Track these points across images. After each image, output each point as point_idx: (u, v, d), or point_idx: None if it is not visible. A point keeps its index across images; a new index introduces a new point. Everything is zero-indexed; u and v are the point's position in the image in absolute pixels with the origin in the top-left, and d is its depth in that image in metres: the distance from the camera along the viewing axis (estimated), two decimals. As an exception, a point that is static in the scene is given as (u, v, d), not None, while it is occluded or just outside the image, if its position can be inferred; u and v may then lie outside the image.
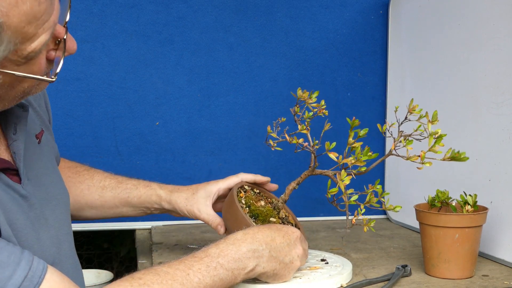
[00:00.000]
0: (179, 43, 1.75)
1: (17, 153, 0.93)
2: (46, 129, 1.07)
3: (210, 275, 0.94)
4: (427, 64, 1.61)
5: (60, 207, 1.04)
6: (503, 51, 1.30)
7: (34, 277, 0.79)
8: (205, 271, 0.94)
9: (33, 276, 0.79)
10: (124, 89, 1.72)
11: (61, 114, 1.68)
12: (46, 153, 1.05)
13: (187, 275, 0.91)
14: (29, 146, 0.99)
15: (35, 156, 1.01)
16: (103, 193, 1.27)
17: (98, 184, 1.28)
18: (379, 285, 1.14)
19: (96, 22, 1.69)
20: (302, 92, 1.15)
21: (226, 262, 0.97)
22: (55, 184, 1.05)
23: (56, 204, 1.02)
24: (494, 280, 1.17)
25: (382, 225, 1.75)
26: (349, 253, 1.39)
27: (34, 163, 0.99)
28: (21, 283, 0.78)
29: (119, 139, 1.73)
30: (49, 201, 1.00)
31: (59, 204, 1.04)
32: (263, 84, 1.80)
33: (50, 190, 1.02)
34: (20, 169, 0.93)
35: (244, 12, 1.78)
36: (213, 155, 1.78)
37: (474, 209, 1.19)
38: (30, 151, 1.00)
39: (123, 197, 1.27)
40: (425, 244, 1.20)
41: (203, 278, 0.93)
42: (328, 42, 1.83)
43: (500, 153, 1.31)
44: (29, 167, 0.97)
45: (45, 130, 1.06)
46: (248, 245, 1.01)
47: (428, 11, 1.61)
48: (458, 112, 1.46)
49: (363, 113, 1.87)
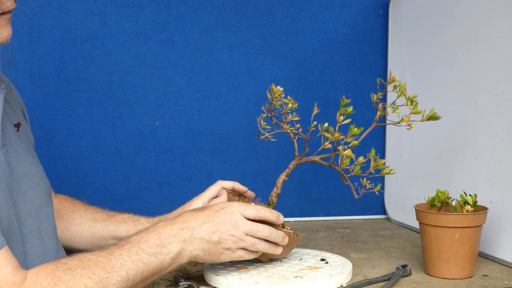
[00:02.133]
0: (179, 43, 1.75)
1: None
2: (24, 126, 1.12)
3: (132, 260, 0.96)
4: (427, 64, 1.61)
5: (41, 188, 1.09)
6: (503, 51, 1.30)
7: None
8: (126, 256, 0.96)
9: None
10: (124, 89, 1.72)
11: (61, 114, 1.68)
12: (25, 141, 1.10)
13: (109, 261, 0.94)
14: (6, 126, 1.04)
15: (14, 136, 1.06)
16: (93, 224, 1.30)
17: (90, 215, 1.31)
18: (379, 285, 1.14)
19: (96, 22, 1.69)
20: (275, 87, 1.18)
21: (147, 247, 0.99)
22: (34, 166, 1.10)
23: (36, 183, 1.08)
24: (494, 280, 1.17)
25: (382, 225, 1.75)
26: (349, 253, 1.39)
27: (14, 141, 1.05)
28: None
29: (119, 139, 1.73)
30: (28, 178, 1.06)
31: (39, 184, 1.09)
32: (263, 84, 1.80)
33: (29, 169, 1.07)
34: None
35: (244, 12, 1.78)
36: (213, 155, 1.78)
37: (474, 209, 1.19)
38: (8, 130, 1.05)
39: (111, 230, 1.29)
40: (425, 244, 1.20)
41: (125, 262, 0.95)
42: (328, 42, 1.83)
43: (500, 153, 1.31)
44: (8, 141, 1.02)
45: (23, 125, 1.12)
46: (168, 230, 1.02)
47: (428, 11, 1.61)
48: (458, 112, 1.46)
49: (363, 113, 1.87)
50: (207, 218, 1.06)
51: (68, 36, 1.67)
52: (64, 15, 1.67)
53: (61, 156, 1.68)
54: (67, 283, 0.88)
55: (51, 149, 1.67)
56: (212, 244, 1.05)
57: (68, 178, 1.69)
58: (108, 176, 1.72)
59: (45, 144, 1.66)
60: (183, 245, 1.03)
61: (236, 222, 1.07)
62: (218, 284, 1.11)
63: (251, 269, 1.16)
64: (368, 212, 1.87)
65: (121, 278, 0.94)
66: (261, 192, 1.73)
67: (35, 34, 1.66)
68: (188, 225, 1.04)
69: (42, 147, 1.66)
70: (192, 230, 1.04)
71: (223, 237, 1.06)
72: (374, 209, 1.88)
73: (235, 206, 1.09)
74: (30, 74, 1.66)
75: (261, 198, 1.32)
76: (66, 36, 1.67)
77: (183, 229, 1.03)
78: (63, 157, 1.68)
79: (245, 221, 1.08)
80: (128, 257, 0.96)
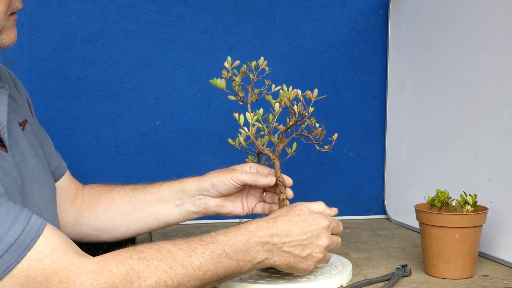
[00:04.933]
0: (179, 43, 1.75)
1: (1, 124, 0.96)
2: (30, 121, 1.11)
3: (213, 261, 0.92)
4: (427, 64, 1.61)
5: (46, 189, 1.06)
6: (503, 51, 1.30)
7: (32, 231, 0.81)
8: (208, 256, 0.92)
9: (31, 230, 0.81)
10: (124, 89, 1.72)
11: (61, 114, 1.68)
12: (30, 140, 1.07)
13: (189, 257, 0.90)
14: (12, 127, 1.02)
15: (20, 136, 1.04)
16: (134, 194, 1.27)
17: (129, 188, 1.28)
18: (379, 285, 1.14)
19: (96, 22, 1.69)
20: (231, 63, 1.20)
21: (232, 252, 0.94)
22: (40, 167, 1.07)
23: (41, 185, 1.05)
24: (494, 280, 1.17)
25: (382, 225, 1.75)
26: (349, 253, 1.39)
27: (20, 142, 1.03)
28: (19, 236, 0.80)
29: (119, 139, 1.73)
30: (34, 180, 1.03)
31: (45, 185, 1.06)
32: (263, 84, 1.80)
33: (35, 170, 1.04)
34: (5, 139, 0.96)
35: (244, 12, 1.78)
36: (213, 155, 1.78)
37: (474, 209, 1.19)
38: (14, 131, 1.02)
39: (153, 192, 1.26)
40: (425, 244, 1.20)
41: (205, 263, 0.91)
42: (328, 42, 1.83)
43: (500, 153, 1.31)
44: (14, 143, 1.00)
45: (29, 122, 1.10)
46: (258, 238, 0.98)
47: (428, 11, 1.61)
48: (458, 112, 1.46)
49: (363, 113, 1.87)
50: (302, 232, 1.02)
51: (68, 36, 1.67)
52: (64, 15, 1.67)
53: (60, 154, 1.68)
54: (139, 273, 0.84)
55: (51, 149, 1.67)
56: (298, 259, 1.02)
57: (68, 178, 1.68)
58: (108, 176, 1.72)
59: (45, 144, 1.66)
60: (269, 255, 0.99)
61: (326, 240, 1.04)
62: (218, 284, 1.11)
63: (251, 269, 1.16)
64: (368, 212, 1.87)
65: (197, 277, 0.90)
66: (261, 192, 1.73)
67: (35, 34, 1.66)
68: (280, 235, 1.00)
69: (42, 147, 1.66)
70: (283, 242, 1.00)
71: (312, 254, 1.03)
72: (374, 209, 1.88)
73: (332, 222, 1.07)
74: (30, 74, 1.66)
75: None
76: (66, 36, 1.67)
77: (273, 237, 0.99)
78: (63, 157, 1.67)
79: (333, 238, 1.07)
80: (210, 258, 0.92)
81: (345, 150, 1.85)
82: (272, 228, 1.00)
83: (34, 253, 0.80)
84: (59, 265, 0.81)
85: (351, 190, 1.87)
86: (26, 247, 0.80)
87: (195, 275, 0.89)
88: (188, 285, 0.89)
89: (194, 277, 0.89)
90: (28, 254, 0.80)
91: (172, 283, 0.87)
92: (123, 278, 0.83)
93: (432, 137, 1.57)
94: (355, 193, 1.87)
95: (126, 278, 0.83)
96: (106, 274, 0.82)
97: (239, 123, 1.12)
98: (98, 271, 0.82)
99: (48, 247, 0.81)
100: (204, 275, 0.91)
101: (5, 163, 0.95)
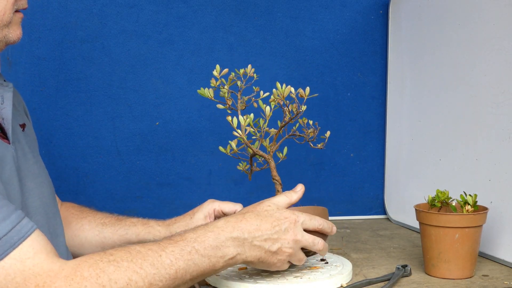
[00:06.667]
0: (179, 43, 1.75)
1: (6, 118, 1.00)
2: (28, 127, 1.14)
3: (184, 258, 0.92)
4: (427, 64, 1.61)
5: (46, 187, 1.10)
6: (503, 51, 1.30)
7: (21, 232, 0.83)
8: (178, 254, 0.92)
9: (20, 230, 0.83)
10: (124, 89, 1.72)
11: (61, 114, 1.68)
12: (29, 141, 1.11)
13: (159, 256, 0.90)
14: (15, 124, 1.06)
15: (21, 135, 1.07)
16: (103, 229, 1.28)
17: (99, 221, 1.29)
18: (379, 285, 1.14)
19: (96, 22, 1.69)
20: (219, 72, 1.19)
21: (202, 248, 0.95)
22: (39, 166, 1.10)
23: (41, 181, 1.08)
24: (494, 280, 1.17)
25: (382, 225, 1.75)
26: (349, 253, 1.39)
27: (21, 139, 1.06)
28: (7, 233, 0.82)
29: (119, 139, 1.73)
30: (34, 176, 1.06)
31: (44, 183, 1.10)
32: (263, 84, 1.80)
33: (35, 168, 1.08)
34: (8, 132, 1.00)
35: (244, 12, 1.78)
36: (213, 155, 1.78)
37: (474, 209, 1.19)
38: (17, 129, 1.06)
39: (121, 234, 1.27)
40: (425, 244, 1.20)
41: (176, 260, 0.91)
42: (328, 42, 1.83)
43: (500, 153, 1.31)
44: (16, 138, 1.04)
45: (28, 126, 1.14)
46: (227, 233, 0.99)
47: (428, 11, 1.61)
48: (458, 112, 1.46)
49: (363, 113, 1.87)
50: (270, 226, 1.02)
51: (68, 36, 1.68)
52: (64, 15, 1.67)
53: (61, 156, 1.68)
54: (110, 275, 0.84)
55: (51, 149, 1.67)
56: (269, 254, 1.02)
57: (68, 178, 1.69)
58: (108, 176, 1.72)
59: (45, 144, 1.66)
60: (240, 250, 0.99)
61: (297, 235, 1.04)
62: (218, 284, 1.11)
63: (251, 269, 1.16)
64: (368, 212, 1.88)
65: (169, 276, 0.90)
66: (261, 192, 1.74)
67: (35, 34, 1.66)
68: (250, 230, 1.01)
69: (42, 147, 1.65)
70: (253, 236, 1.01)
71: (281, 249, 1.03)
72: (374, 209, 1.88)
73: (301, 217, 1.06)
74: (30, 74, 1.66)
75: None
76: (66, 36, 1.67)
77: (243, 232, 1.00)
78: (63, 157, 1.68)
79: (304, 235, 1.06)
80: (180, 255, 0.92)
81: (345, 150, 1.85)
82: (241, 223, 1.01)
83: (17, 253, 0.82)
84: (39, 269, 0.83)
85: (351, 190, 1.87)
86: (12, 244, 0.82)
87: (166, 274, 0.90)
88: (160, 284, 0.89)
89: (165, 276, 0.90)
90: (12, 253, 0.82)
91: (143, 283, 0.87)
92: (95, 282, 0.84)
93: (432, 137, 1.57)
94: (355, 193, 1.87)
95: (97, 281, 0.84)
96: (79, 279, 0.83)
97: (232, 126, 1.12)
98: (71, 276, 0.83)
99: (32, 250, 0.83)
100: (175, 273, 0.91)
101: (8, 154, 0.98)
